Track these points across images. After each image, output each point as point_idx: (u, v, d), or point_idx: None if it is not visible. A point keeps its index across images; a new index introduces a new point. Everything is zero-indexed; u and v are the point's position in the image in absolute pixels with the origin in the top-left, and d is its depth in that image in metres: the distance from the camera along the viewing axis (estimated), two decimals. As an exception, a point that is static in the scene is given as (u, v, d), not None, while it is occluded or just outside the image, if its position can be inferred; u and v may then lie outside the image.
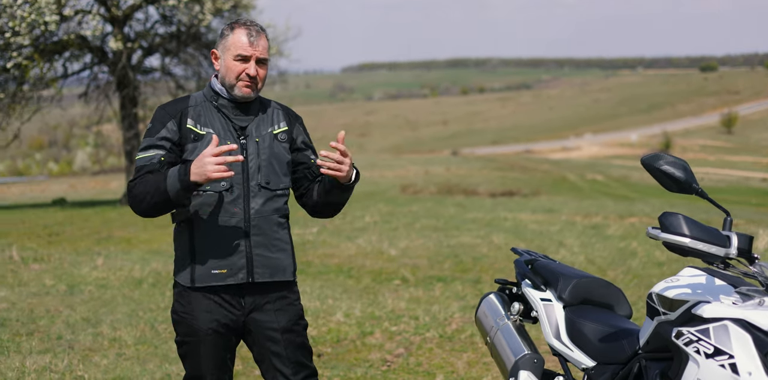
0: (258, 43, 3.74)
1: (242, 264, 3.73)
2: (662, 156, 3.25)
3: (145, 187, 3.63)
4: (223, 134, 3.74)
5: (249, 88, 3.74)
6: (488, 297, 4.33)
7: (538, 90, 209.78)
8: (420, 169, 47.98)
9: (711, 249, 3.07)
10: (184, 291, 3.78)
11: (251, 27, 3.77)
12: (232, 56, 3.71)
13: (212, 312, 3.74)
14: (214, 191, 3.71)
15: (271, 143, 3.81)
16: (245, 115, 3.80)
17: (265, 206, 3.76)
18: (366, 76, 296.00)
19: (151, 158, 3.69)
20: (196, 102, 3.81)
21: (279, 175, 3.80)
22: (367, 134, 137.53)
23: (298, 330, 3.88)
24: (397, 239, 13.13)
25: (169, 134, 3.71)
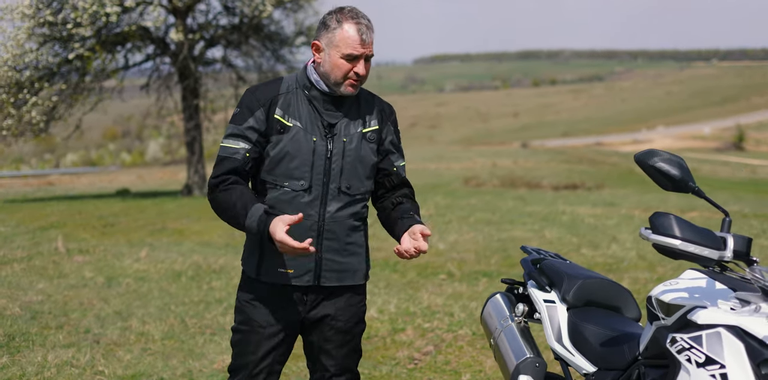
0: (369, 40, 3.46)
1: (310, 268, 3.55)
2: (656, 152, 3.02)
3: (227, 204, 3.44)
4: (309, 128, 3.50)
5: (354, 87, 3.50)
6: (494, 297, 4.12)
7: (611, 82, 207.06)
8: (487, 162, 47.62)
9: (703, 252, 2.83)
10: (249, 279, 3.63)
11: (362, 21, 3.45)
12: (341, 54, 3.42)
13: (273, 305, 3.58)
14: (291, 189, 3.50)
15: (358, 144, 3.55)
16: (336, 110, 3.54)
17: (342, 211, 3.54)
18: (438, 67, 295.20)
19: (236, 151, 3.48)
20: (288, 88, 3.55)
21: (362, 179, 3.57)
22: (437, 126, 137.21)
23: (354, 332, 3.72)
24: (448, 232, 12.91)
25: (256, 124, 3.49)
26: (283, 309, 3.59)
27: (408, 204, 3.67)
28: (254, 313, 3.59)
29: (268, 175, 3.53)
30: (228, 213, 3.46)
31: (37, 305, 7.90)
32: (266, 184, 3.54)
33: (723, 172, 39.37)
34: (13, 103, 22.06)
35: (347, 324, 3.66)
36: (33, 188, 32.81)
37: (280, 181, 3.50)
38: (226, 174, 3.49)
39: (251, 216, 3.37)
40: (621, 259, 10.50)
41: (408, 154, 33.43)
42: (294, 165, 3.48)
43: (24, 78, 22.01)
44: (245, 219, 3.38)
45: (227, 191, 3.46)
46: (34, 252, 11.17)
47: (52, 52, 22.19)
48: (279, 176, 3.50)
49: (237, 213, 3.41)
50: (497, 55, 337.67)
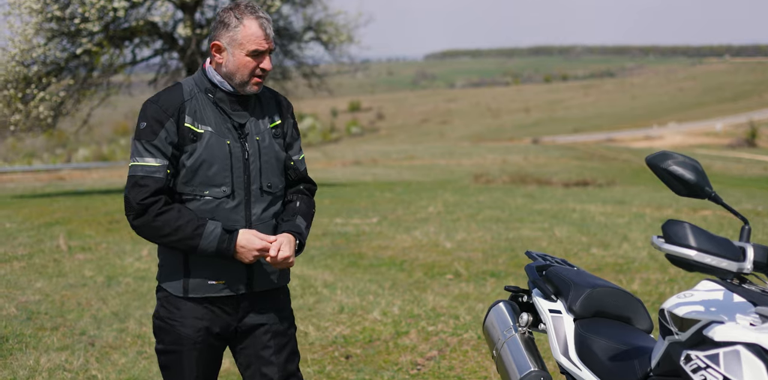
0: (271, 34, 3.33)
1: (242, 276, 3.40)
2: (670, 155, 2.80)
3: (169, 228, 3.26)
4: (221, 132, 3.34)
5: (259, 84, 3.38)
6: (497, 305, 3.91)
7: (622, 78, 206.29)
8: (497, 158, 47.40)
9: (721, 264, 2.62)
10: (171, 297, 3.42)
11: (262, 15, 3.32)
12: (247, 52, 3.28)
13: (204, 319, 3.40)
14: (213, 197, 3.33)
15: (270, 141, 3.45)
16: (243, 109, 3.40)
17: (267, 211, 3.43)
18: (449, 63, 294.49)
19: (156, 169, 3.27)
20: (191, 94, 3.37)
21: (278, 176, 3.48)
22: (448, 122, 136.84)
23: (290, 334, 3.57)
24: (456, 231, 12.71)
25: (169, 136, 3.29)
26: (216, 321, 3.43)
27: (297, 202, 3.55)
28: (185, 330, 3.41)
29: (185, 186, 3.35)
30: (172, 237, 3.28)
31: (33, 305, 7.73)
32: (183, 195, 3.36)
33: (735, 168, 38.98)
34: (21, 98, 21.97)
35: (281, 326, 3.53)
36: (43, 183, 32.71)
37: (200, 190, 3.33)
38: (154, 195, 3.29)
39: (206, 237, 3.25)
40: (632, 259, 10.28)
41: (418, 150, 33.63)
42: (213, 171, 3.33)
43: (32, 73, 21.92)
44: (200, 242, 3.25)
45: (164, 214, 3.28)
46: (36, 249, 11.01)
47: (60, 47, 22.09)
48: (198, 186, 3.34)
49: (186, 236, 3.25)
50: (508, 50, 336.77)
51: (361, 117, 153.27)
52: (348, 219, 14.57)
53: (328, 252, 11.22)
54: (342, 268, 10.08)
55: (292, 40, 24.35)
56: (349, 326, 7.05)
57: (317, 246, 11.76)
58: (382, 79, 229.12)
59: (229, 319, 3.44)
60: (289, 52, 24.49)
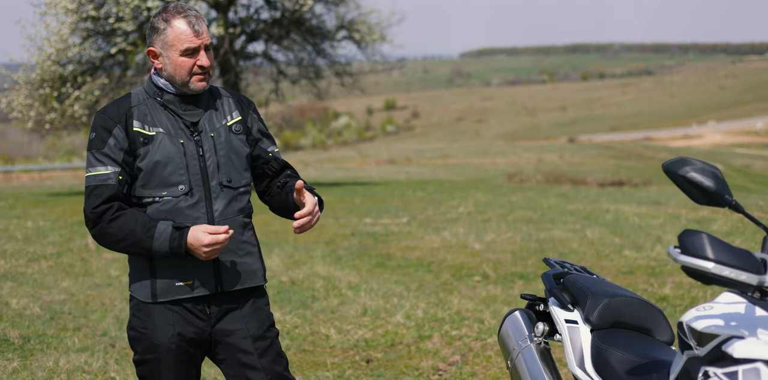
0: (202, 29, 3.32)
1: (209, 274, 3.36)
2: (688, 161, 2.68)
3: (122, 233, 3.25)
4: (173, 132, 3.35)
5: (204, 80, 3.36)
6: (512, 314, 3.80)
7: (661, 76, 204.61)
8: (533, 157, 47.18)
9: (740, 277, 2.49)
10: (141, 304, 3.39)
11: (189, 13, 3.32)
12: (179, 52, 3.29)
13: (175, 325, 3.35)
14: (172, 196, 3.32)
15: (227, 137, 3.44)
16: (195, 108, 3.41)
17: (230, 207, 3.40)
18: (484, 61, 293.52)
19: (107, 177, 3.29)
20: (139, 100, 3.40)
21: (240, 171, 3.45)
22: (483, 120, 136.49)
23: (270, 337, 3.50)
24: (485, 232, 12.59)
25: (119, 143, 3.31)
26: (188, 326, 3.37)
27: (295, 179, 3.53)
28: (157, 338, 3.36)
29: (143, 189, 3.35)
30: (126, 242, 3.27)
31: (57, 305, 7.73)
32: (142, 199, 3.36)
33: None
34: (56, 97, 22.14)
35: (260, 329, 3.46)
36: (80, 181, 33.00)
37: (158, 192, 3.33)
38: (106, 202, 3.30)
39: (158, 237, 3.24)
40: (665, 262, 10.10)
41: (453, 148, 33.47)
42: (168, 171, 3.32)
43: (67, 72, 22.10)
44: (152, 243, 3.24)
45: (117, 219, 3.28)
46: (65, 248, 11.05)
47: (95, 47, 22.24)
48: (155, 187, 3.34)
49: (139, 238, 3.25)
50: (545, 48, 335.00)
51: (396, 115, 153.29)
52: (377, 219, 14.49)
53: (356, 252, 11.15)
54: (369, 269, 10.01)
55: (324, 39, 24.31)
56: (372, 329, 6.97)
57: (345, 246, 11.70)
58: (418, 77, 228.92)
59: (201, 324, 3.39)
60: (322, 51, 24.46)
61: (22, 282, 8.79)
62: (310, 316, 7.41)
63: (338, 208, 16.87)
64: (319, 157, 63.76)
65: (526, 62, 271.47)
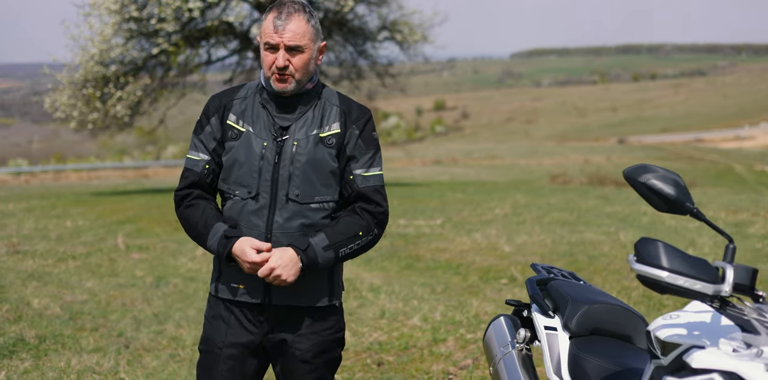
0: (286, 28, 3.12)
1: (259, 283, 3.26)
2: (649, 168, 2.61)
3: (190, 222, 3.29)
4: (261, 133, 3.24)
5: (282, 81, 3.17)
6: (497, 320, 3.74)
7: (713, 76, 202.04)
8: (579, 158, 46.80)
9: (695, 286, 2.41)
10: (210, 296, 3.42)
11: (283, 8, 3.15)
12: (264, 45, 3.18)
13: (229, 324, 3.32)
14: (240, 197, 3.25)
15: (313, 148, 3.23)
16: (290, 112, 3.25)
17: (292, 221, 3.21)
18: (535, 61, 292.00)
19: (196, 163, 3.31)
20: (247, 94, 3.33)
21: (316, 186, 3.23)
22: (533, 121, 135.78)
23: (317, 363, 3.35)
24: (517, 234, 12.48)
25: (213, 131, 3.30)
26: (239, 328, 3.32)
27: (338, 220, 3.28)
28: (212, 332, 3.36)
29: (223, 183, 3.32)
30: (192, 232, 3.31)
31: (78, 305, 7.78)
32: (223, 193, 3.34)
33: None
34: (99, 97, 22.39)
35: (307, 353, 3.31)
36: (127, 180, 33.36)
37: (233, 189, 3.28)
38: (188, 188, 3.32)
39: (212, 237, 3.22)
40: (695, 266, 9.93)
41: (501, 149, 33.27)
42: (242, 171, 3.25)
43: (110, 72, 22.32)
44: (207, 240, 3.25)
45: (190, 208, 3.31)
46: (95, 248, 11.14)
47: (138, 47, 22.45)
48: (232, 184, 3.29)
49: (199, 232, 3.27)
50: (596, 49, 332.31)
51: (445, 115, 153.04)
52: (411, 221, 14.44)
53: (387, 253, 11.11)
54: (398, 271, 9.96)
55: (366, 40, 24.33)
56: (387, 332, 6.92)
57: (376, 247, 11.66)
58: (468, 77, 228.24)
59: (252, 332, 3.31)
60: (364, 52, 24.47)
61: (47, 282, 8.86)
62: (327, 318, 7.38)
63: (374, 209, 16.82)
64: (365, 157, 63.83)
65: (577, 63, 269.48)
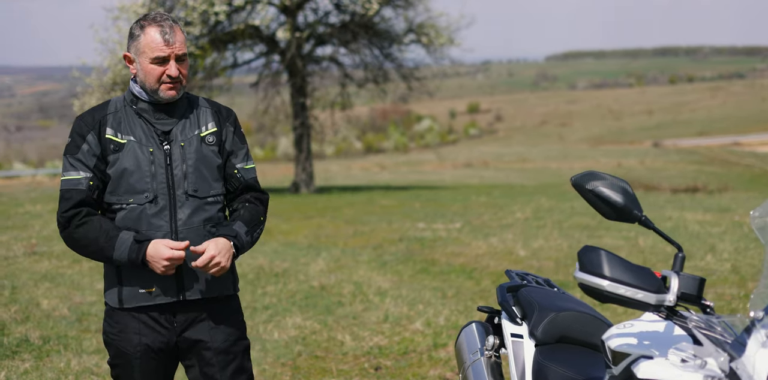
0: (174, 40, 3.35)
1: (171, 282, 3.38)
2: (597, 175, 2.59)
3: (86, 240, 3.33)
4: (144, 141, 3.39)
5: (173, 89, 3.39)
6: (469, 326, 3.72)
7: (752, 79, 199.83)
8: (612, 161, 46.51)
9: (636, 295, 2.38)
10: (112, 311, 3.46)
11: (164, 23, 3.36)
12: (149, 59, 3.34)
13: (141, 333, 3.40)
14: (137, 203, 3.36)
15: (198, 147, 3.45)
16: (168, 117, 3.44)
17: (194, 216, 3.40)
18: (570, 64, 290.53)
19: (78, 182, 3.36)
20: (116, 108, 3.46)
21: (209, 181, 3.46)
22: (567, 124, 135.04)
23: (235, 351, 3.50)
24: (535, 238, 12.42)
25: (91, 149, 3.38)
26: (153, 334, 3.41)
27: (240, 210, 3.53)
28: (124, 344, 3.42)
29: (111, 196, 3.40)
30: (90, 249, 3.35)
31: (86, 306, 7.85)
32: (112, 205, 3.41)
33: None
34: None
35: (225, 343, 3.47)
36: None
37: (125, 199, 3.38)
38: (75, 207, 3.37)
39: (119, 247, 3.29)
40: (711, 272, 9.84)
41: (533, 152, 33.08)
42: (134, 179, 3.37)
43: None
44: (112, 252, 3.30)
45: (83, 225, 3.35)
46: (112, 250, 11.22)
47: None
48: (123, 194, 3.38)
49: (101, 246, 3.32)
50: (632, 51, 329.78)
51: (479, 118, 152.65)
52: (430, 224, 14.42)
53: (402, 257, 11.10)
54: (411, 274, 9.96)
55: (392, 43, 24.32)
56: (388, 336, 6.91)
57: (392, 251, 11.66)
58: (502, 80, 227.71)
59: (167, 334, 3.43)
60: (389, 55, 24.47)
61: (59, 284, 8.95)
62: (330, 322, 7.39)
63: (396, 213, 16.84)
64: (397, 160, 63.86)
65: (613, 65, 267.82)
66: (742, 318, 2.38)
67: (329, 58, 24.52)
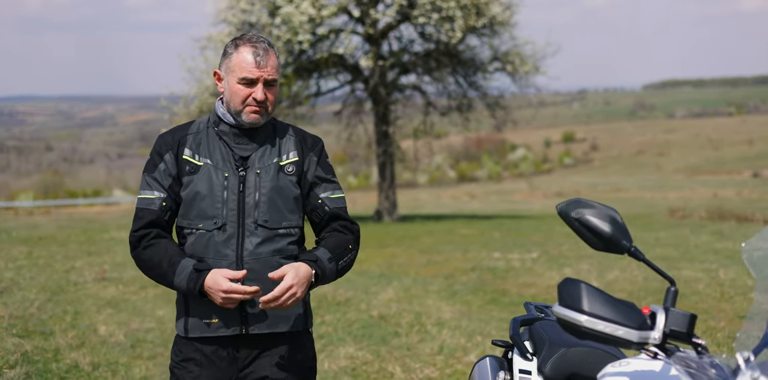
0: (266, 63, 3.21)
1: (234, 314, 3.21)
2: (584, 203, 2.41)
3: (151, 262, 3.21)
4: (221, 165, 3.26)
5: (257, 113, 3.23)
6: (482, 361, 3.53)
7: None
8: (708, 192, 45.47)
9: (617, 332, 2.17)
10: (178, 338, 3.34)
11: (258, 44, 3.23)
12: (237, 79, 3.20)
13: (201, 366, 3.25)
14: (206, 230, 3.22)
15: (275, 175, 3.29)
16: (249, 142, 3.29)
17: (262, 247, 3.22)
18: (668, 93, 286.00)
19: (152, 201, 3.25)
20: (198, 128, 3.34)
21: (283, 212, 3.28)
22: (665, 153, 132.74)
23: None
24: (610, 269, 12.07)
25: (167, 168, 3.27)
26: (214, 368, 3.23)
27: (326, 238, 3.32)
28: (184, 374, 3.27)
29: (183, 219, 3.27)
30: (154, 272, 3.22)
31: (142, 333, 7.84)
32: (183, 229, 3.27)
33: None
34: (213, 129, 22.93)
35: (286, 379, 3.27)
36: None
37: (195, 223, 3.23)
38: (146, 227, 3.25)
39: (179, 273, 3.14)
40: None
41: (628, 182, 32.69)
42: (206, 204, 3.22)
43: (224, 104, 22.81)
44: (173, 278, 3.16)
45: (150, 247, 3.22)
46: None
47: (251, 80, 22.92)
48: (194, 219, 3.24)
49: (164, 271, 3.18)
50: (732, 79, 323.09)
51: (574, 148, 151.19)
52: (506, 254, 14.17)
53: (473, 287, 10.90)
54: (480, 305, 9.75)
55: (477, 71, 24.19)
56: (440, 368, 6.71)
57: (463, 280, 11.47)
58: (599, 109, 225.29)
59: (227, 369, 3.26)
60: (473, 83, 24.34)
61: (122, 310, 8.99)
62: (384, 353, 7.23)
63: (474, 242, 16.62)
64: (488, 189, 63.49)
65: (712, 94, 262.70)
66: (728, 359, 2.18)
67: (413, 86, 24.51)
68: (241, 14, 21.91)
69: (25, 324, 8.01)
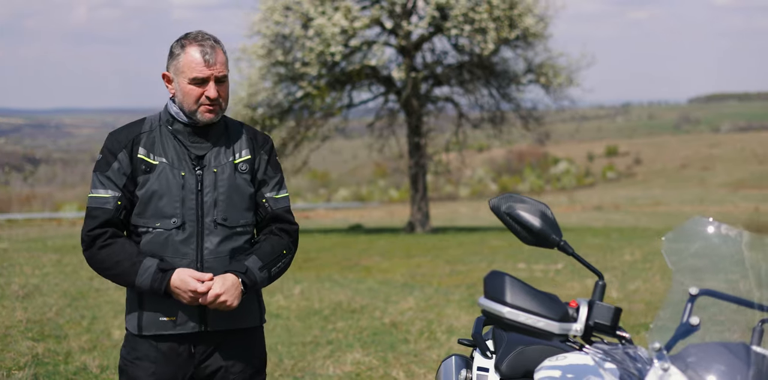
0: (215, 61, 3.24)
1: (193, 312, 3.25)
2: (515, 198, 2.44)
3: (109, 262, 3.23)
4: (176, 164, 3.28)
5: (212, 112, 3.27)
6: (448, 359, 3.56)
7: None
8: (750, 206, 44.92)
9: (538, 323, 2.21)
10: (130, 336, 3.35)
11: (204, 42, 3.25)
12: (188, 79, 3.23)
13: (157, 363, 3.27)
14: (164, 228, 3.25)
15: (231, 174, 3.32)
16: (204, 141, 3.33)
17: (222, 245, 3.28)
18: (714, 107, 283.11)
19: (106, 200, 3.26)
20: (151, 127, 3.35)
21: (240, 210, 3.32)
22: (709, 168, 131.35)
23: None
24: (633, 281, 12.00)
25: (121, 167, 3.27)
26: (170, 364, 3.26)
27: (261, 242, 3.35)
28: (138, 373, 3.28)
29: (138, 218, 3.28)
30: (112, 272, 3.24)
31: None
32: (138, 228, 3.28)
33: None
34: (247, 140, 23.12)
35: (242, 375, 3.33)
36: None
37: (152, 222, 3.25)
38: (101, 227, 3.26)
39: (142, 273, 3.17)
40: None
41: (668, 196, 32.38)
42: (163, 203, 3.24)
43: (258, 115, 23.00)
44: (135, 278, 3.18)
45: (107, 247, 3.24)
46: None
47: (285, 91, 23.07)
48: (150, 218, 3.26)
49: (124, 271, 3.20)
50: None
51: (617, 161, 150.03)
52: (531, 264, 14.15)
53: (493, 297, 10.88)
54: (499, 314, 9.73)
55: (510, 83, 24.15)
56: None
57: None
58: (643, 123, 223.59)
59: (184, 365, 3.29)
60: (506, 95, 24.30)
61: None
62: (391, 359, 7.27)
63: (501, 253, 16.60)
64: (528, 202, 63.20)
65: (758, 108, 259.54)
66: (642, 350, 2.21)
67: (445, 98, 24.54)
68: (274, 26, 22.10)
69: (42, 327, 8.14)
